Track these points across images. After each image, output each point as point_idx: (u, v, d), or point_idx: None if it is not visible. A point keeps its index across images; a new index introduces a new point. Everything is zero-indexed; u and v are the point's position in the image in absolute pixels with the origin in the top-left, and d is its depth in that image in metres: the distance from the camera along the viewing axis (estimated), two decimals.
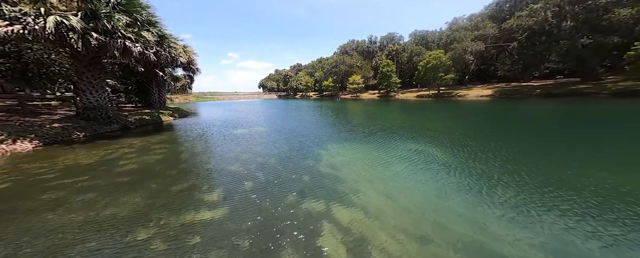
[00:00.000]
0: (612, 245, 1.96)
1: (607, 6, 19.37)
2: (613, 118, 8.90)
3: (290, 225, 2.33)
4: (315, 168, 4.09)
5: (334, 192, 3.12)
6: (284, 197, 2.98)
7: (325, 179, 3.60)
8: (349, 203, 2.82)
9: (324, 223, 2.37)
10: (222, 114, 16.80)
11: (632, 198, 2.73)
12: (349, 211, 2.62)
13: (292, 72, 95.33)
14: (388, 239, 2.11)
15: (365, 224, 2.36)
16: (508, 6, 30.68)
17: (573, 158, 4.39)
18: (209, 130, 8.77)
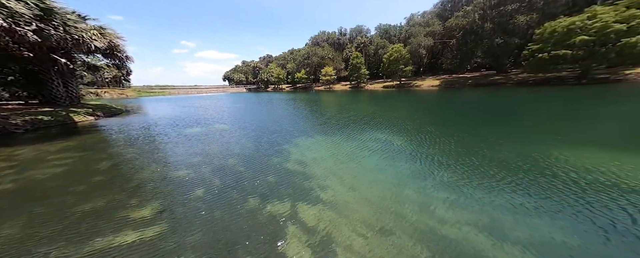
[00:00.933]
0: (535, 213, 2.21)
1: (511, 13, 24.87)
2: (518, 102, 11.36)
3: (248, 234, 2.11)
4: (282, 167, 3.85)
5: (302, 191, 2.99)
6: (244, 202, 2.70)
7: (293, 177, 3.42)
8: (317, 201, 2.73)
9: (288, 226, 2.24)
10: (172, 110, 14.74)
11: (550, 169, 3.17)
12: (315, 209, 2.53)
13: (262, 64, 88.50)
14: (353, 235, 2.08)
15: (331, 222, 2.30)
16: (449, 6, 35.72)
17: (500, 137, 4.95)
18: (149, 131, 7.50)
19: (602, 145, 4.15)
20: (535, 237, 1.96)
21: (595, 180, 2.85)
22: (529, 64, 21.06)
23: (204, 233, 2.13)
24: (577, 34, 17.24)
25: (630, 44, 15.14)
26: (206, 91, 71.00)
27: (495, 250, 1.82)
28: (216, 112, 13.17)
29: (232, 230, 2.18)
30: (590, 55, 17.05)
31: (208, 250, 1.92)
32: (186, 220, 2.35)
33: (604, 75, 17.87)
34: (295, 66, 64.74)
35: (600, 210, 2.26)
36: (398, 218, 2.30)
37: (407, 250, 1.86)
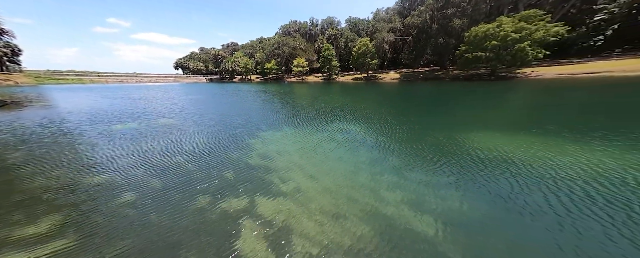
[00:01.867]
0: (450, 187, 2.70)
1: (451, 16, 29.55)
2: (450, 94, 13.76)
3: (196, 234, 2.01)
4: (243, 162, 3.73)
5: (262, 185, 2.96)
6: (191, 202, 2.55)
7: (253, 172, 3.37)
8: (277, 193, 2.75)
9: (244, 221, 2.21)
10: (94, 103, 12.40)
11: (466, 150, 3.79)
12: (275, 202, 2.54)
13: (225, 52, 78.74)
14: (309, 223, 2.16)
15: (290, 212, 2.34)
16: (407, 5, 39.56)
17: (438, 125, 5.85)
18: (52, 129, 6.14)
19: (498, 130, 5.29)
20: (447, 207, 2.36)
21: (493, 157, 3.59)
22: (460, 62, 26.08)
23: (135, 240, 1.95)
24: (489, 39, 22.17)
25: (520, 49, 20.58)
26: (151, 80, 59.47)
27: (417, 221, 2.18)
28: (162, 104, 11.66)
29: (174, 232, 2.05)
30: (496, 57, 22.38)
31: (140, 255, 1.78)
32: (108, 230, 2.10)
33: (504, 73, 23.88)
34: (265, 56, 60.66)
35: (494, 181, 2.90)
36: (351, 204, 2.48)
37: (356, 231, 2.06)
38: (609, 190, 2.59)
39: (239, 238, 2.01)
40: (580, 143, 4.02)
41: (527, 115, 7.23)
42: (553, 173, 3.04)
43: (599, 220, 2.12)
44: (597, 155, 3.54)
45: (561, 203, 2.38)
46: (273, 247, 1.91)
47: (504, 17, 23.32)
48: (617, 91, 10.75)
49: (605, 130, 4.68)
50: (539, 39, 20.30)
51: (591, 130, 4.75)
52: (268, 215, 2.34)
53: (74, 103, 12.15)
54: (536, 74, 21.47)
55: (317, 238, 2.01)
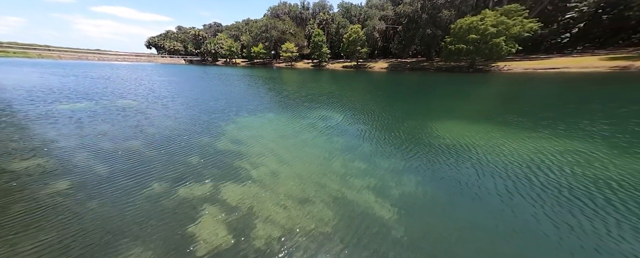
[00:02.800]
0: (411, 173, 2.92)
1: (440, 7, 29.66)
2: (433, 84, 14.80)
3: (145, 221, 1.94)
4: (212, 148, 3.65)
5: (230, 170, 2.94)
6: (144, 189, 2.44)
7: (223, 157, 3.31)
8: (245, 178, 2.76)
9: (204, 207, 2.19)
10: (42, 80, 11.25)
11: (432, 138, 4.09)
12: (241, 187, 2.54)
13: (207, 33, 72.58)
14: (275, 208, 2.21)
15: (256, 197, 2.37)
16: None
17: (415, 113, 6.22)
18: None
19: (464, 119, 5.81)
20: (406, 192, 2.52)
21: (455, 145, 3.87)
22: (444, 53, 26.94)
23: (61, 232, 1.79)
24: (471, 31, 22.95)
25: (496, 43, 21.67)
26: (117, 59, 54.74)
27: (377, 206, 2.31)
28: (126, 85, 10.84)
29: (115, 221, 1.96)
30: (475, 50, 23.44)
31: (63, 248, 1.62)
32: (27, 221, 1.91)
33: (481, 66, 25.30)
34: (252, 39, 57.21)
35: (453, 167, 3.12)
36: (319, 189, 2.57)
37: (319, 216, 2.15)
38: (546, 175, 2.88)
39: (196, 224, 1.97)
40: (529, 131, 4.47)
41: (491, 106, 8.00)
42: (504, 159, 3.31)
43: (534, 203, 2.31)
44: (541, 142, 3.92)
45: (506, 188, 2.61)
46: (233, 231, 1.90)
47: (488, 10, 24.01)
48: (570, 85, 12.11)
49: (550, 120, 5.32)
50: (515, 34, 21.48)
51: (540, 119, 5.38)
52: (232, 201, 2.32)
53: (13, 79, 10.85)
54: (508, 68, 23.12)
55: (281, 222, 2.06)
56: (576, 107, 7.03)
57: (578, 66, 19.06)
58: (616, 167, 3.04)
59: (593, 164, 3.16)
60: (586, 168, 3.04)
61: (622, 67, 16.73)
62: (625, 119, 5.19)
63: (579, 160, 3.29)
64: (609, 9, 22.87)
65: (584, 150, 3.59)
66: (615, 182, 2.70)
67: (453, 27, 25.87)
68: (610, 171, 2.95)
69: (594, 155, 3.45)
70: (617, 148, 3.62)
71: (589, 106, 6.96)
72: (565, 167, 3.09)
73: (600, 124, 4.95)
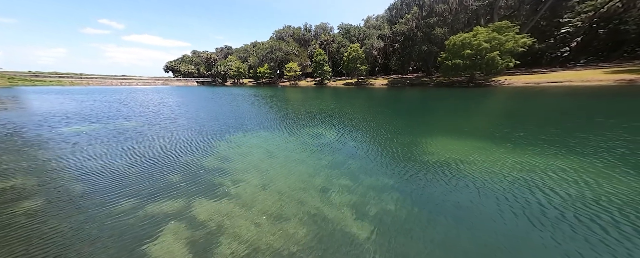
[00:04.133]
0: (392, 191, 2.90)
1: (433, 25, 31.89)
2: (431, 100, 15.12)
3: (97, 238, 1.97)
4: (196, 165, 3.78)
5: (208, 187, 2.99)
6: (110, 207, 2.50)
7: (204, 174, 3.40)
8: (222, 195, 2.78)
9: (168, 224, 2.21)
10: (61, 104, 12.43)
11: (419, 154, 4.12)
12: (215, 204, 2.56)
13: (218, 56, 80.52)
14: (247, 225, 2.22)
15: (228, 214, 2.37)
16: (394, 12, 42.25)
17: (408, 129, 6.19)
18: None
19: (454, 135, 5.79)
20: (385, 210, 2.50)
21: (439, 162, 3.85)
22: (441, 69, 28.06)
23: (7, 249, 1.84)
24: (466, 47, 24.22)
25: (490, 58, 22.59)
26: (137, 83, 60.55)
27: (354, 224, 2.31)
28: (136, 107, 11.92)
29: (71, 237, 1.99)
30: (472, 65, 24.38)
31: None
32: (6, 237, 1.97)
33: (481, 81, 25.89)
34: (258, 60, 62.52)
35: (433, 184, 3.11)
36: (297, 206, 2.58)
37: (291, 233, 2.15)
38: (536, 195, 2.74)
39: (154, 241, 1.99)
40: (522, 147, 4.46)
41: (485, 121, 7.97)
42: (484, 176, 3.31)
43: (504, 221, 2.28)
44: (525, 158, 3.87)
45: (481, 205, 2.60)
46: (194, 248, 1.90)
47: (479, 27, 25.58)
48: (573, 99, 12.03)
49: (545, 136, 5.21)
50: (510, 49, 22.41)
51: (536, 134, 5.35)
52: (202, 217, 2.34)
53: (34, 105, 11.97)
54: (509, 82, 23.49)
55: (249, 239, 2.06)
56: (579, 121, 6.91)
57: (581, 79, 19.15)
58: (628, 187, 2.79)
59: (597, 184, 2.92)
60: (590, 189, 2.82)
61: (629, 81, 16.64)
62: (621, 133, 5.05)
63: (579, 180, 3.07)
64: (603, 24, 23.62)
65: (588, 169, 3.37)
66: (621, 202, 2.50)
67: (447, 44, 27.39)
68: (620, 192, 2.72)
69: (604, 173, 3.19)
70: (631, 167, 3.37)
71: (594, 120, 6.72)
72: (563, 188, 2.88)
73: (596, 137, 4.84)
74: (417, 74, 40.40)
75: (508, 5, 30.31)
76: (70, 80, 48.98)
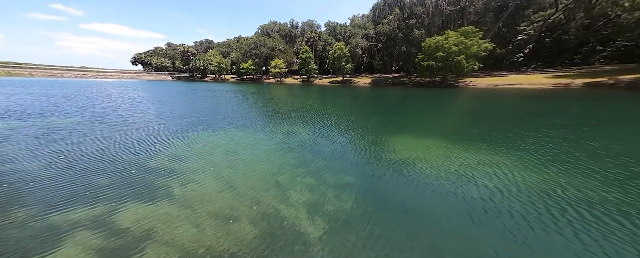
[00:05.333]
0: (349, 188, 3.02)
1: (412, 27, 34.07)
2: (407, 99, 16.25)
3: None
4: (138, 166, 3.57)
5: (147, 189, 2.86)
6: (10, 212, 2.31)
7: (147, 175, 3.24)
8: (162, 197, 2.67)
9: (75, 234, 2.04)
10: None
11: (381, 152, 4.31)
12: (148, 208, 2.45)
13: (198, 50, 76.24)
14: (186, 227, 2.13)
15: (164, 218, 2.28)
16: (377, 13, 44.05)
17: (380, 127, 6.39)
18: None
19: (416, 132, 6.23)
20: (340, 208, 2.56)
21: (398, 159, 4.04)
22: (418, 69, 30.39)
23: None
24: (439, 49, 26.60)
25: (458, 61, 25.20)
26: (97, 76, 55.33)
27: (307, 222, 2.35)
28: (81, 103, 10.76)
29: None
30: (444, 67, 26.91)
31: None
32: None
33: (451, 81, 28.70)
34: (241, 55, 60.77)
35: (388, 181, 3.27)
36: (252, 206, 2.55)
37: (238, 233, 2.09)
38: (467, 189, 2.97)
39: (54, 253, 1.83)
40: (468, 146, 4.83)
41: (447, 120, 8.68)
42: (439, 173, 3.51)
43: (449, 218, 2.40)
44: (476, 155, 4.20)
45: (432, 202, 2.74)
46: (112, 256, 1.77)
47: (450, 31, 28.16)
48: (520, 100, 13.91)
49: (494, 133, 5.85)
50: (474, 53, 25.22)
51: (489, 132, 5.97)
52: (126, 224, 2.20)
53: None
54: (473, 84, 26.58)
55: (185, 243, 1.96)
56: (511, 121, 8.01)
57: (528, 83, 22.54)
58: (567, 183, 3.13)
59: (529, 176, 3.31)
60: (530, 180, 3.20)
61: (564, 84, 20.08)
62: (540, 130, 6.05)
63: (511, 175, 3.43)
64: (549, 33, 27.61)
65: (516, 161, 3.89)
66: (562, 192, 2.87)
67: (423, 45, 29.74)
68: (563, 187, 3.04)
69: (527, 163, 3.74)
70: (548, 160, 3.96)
71: (530, 119, 7.86)
72: (486, 181, 3.22)
73: (517, 134, 5.70)
74: (399, 74, 42.99)
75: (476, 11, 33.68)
76: (7, 70, 42.67)
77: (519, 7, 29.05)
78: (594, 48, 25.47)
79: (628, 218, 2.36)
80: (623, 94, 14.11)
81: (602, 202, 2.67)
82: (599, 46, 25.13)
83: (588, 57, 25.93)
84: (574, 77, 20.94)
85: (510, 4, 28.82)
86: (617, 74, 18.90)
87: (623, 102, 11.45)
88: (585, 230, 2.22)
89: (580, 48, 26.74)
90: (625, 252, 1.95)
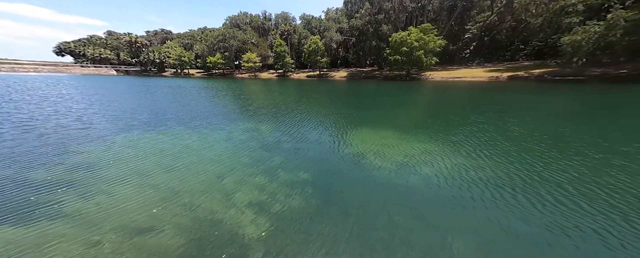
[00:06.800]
0: (304, 186, 3.06)
1: (381, 22, 36.73)
2: (377, 92, 17.72)
3: None
4: (23, 179, 3.18)
5: (25, 208, 2.56)
6: None
7: (31, 191, 2.88)
8: (45, 216, 2.40)
9: None
10: None
11: (338, 148, 4.50)
12: (20, 230, 2.18)
13: (150, 40, 66.76)
14: (77, 247, 1.94)
15: (38, 241, 2.04)
16: (349, 7, 45.83)
17: (344, 121, 6.69)
18: None
19: (374, 125, 6.52)
20: (287, 206, 2.57)
21: (352, 153, 4.18)
22: (387, 63, 33.44)
23: None
24: (403, 44, 29.69)
25: (418, 55, 28.73)
26: (2, 68, 44.68)
27: (251, 223, 2.26)
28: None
29: None
30: (408, 61, 30.31)
31: None
32: None
33: (415, 75, 32.60)
34: (207, 48, 55.92)
35: (338, 176, 3.33)
36: (185, 212, 2.43)
37: (154, 246, 1.96)
38: (411, 179, 3.23)
39: None
40: (413, 136, 5.28)
41: (406, 112, 9.42)
42: (385, 164, 3.70)
43: (389, 214, 2.52)
44: (421, 144, 4.61)
45: (375, 194, 2.87)
46: None
47: (412, 27, 31.57)
48: (463, 90, 16.98)
49: (437, 122, 6.75)
50: (432, 49, 29.10)
51: (420, 123, 6.91)
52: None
53: None
54: (432, 77, 30.96)
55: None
56: (447, 111, 9.43)
57: (471, 76, 27.59)
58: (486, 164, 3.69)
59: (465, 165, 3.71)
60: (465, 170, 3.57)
61: (496, 77, 25.27)
62: (470, 117, 7.38)
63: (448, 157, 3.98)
64: (487, 33, 33.46)
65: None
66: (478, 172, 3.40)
67: (391, 40, 32.69)
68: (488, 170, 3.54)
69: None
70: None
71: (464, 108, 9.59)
72: (446, 169, 3.56)
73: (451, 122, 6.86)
74: (372, 68, 46.19)
75: (434, 9, 38.26)
76: None
77: (465, 8, 34.38)
78: (518, 47, 32.07)
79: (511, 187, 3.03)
80: (535, 85, 18.27)
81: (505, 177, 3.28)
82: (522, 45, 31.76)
83: (514, 55, 32.64)
84: (502, 71, 26.57)
85: (459, 4, 33.80)
86: (531, 69, 24.87)
87: (530, 92, 14.56)
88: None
89: (510, 46, 33.27)
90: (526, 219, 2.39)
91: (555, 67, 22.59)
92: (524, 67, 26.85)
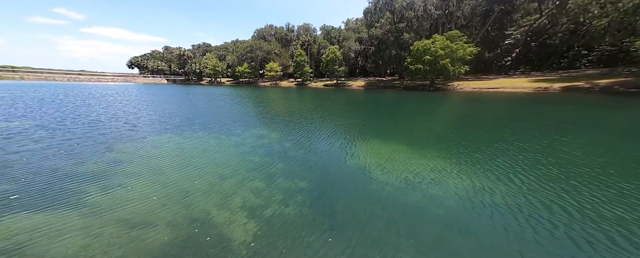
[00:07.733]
0: (302, 193, 3.03)
1: (402, 30, 35.74)
2: (397, 102, 16.46)
3: None
4: (62, 170, 3.55)
5: (51, 196, 2.81)
6: None
7: (61, 182, 3.18)
8: (64, 205, 2.61)
9: None
10: None
11: (344, 158, 4.35)
12: (37, 218, 2.38)
13: (195, 53, 79.09)
14: (79, 238, 2.06)
15: (48, 229, 2.20)
16: (369, 17, 46.07)
17: (356, 131, 6.53)
18: None
19: (395, 139, 6.09)
20: (281, 212, 2.60)
21: (357, 164, 4.06)
22: (408, 73, 31.77)
23: None
24: (426, 53, 28.03)
25: (443, 64, 26.54)
26: (90, 79, 57.77)
27: (240, 227, 2.32)
28: (46, 106, 11.20)
29: None
30: (431, 70, 28.23)
31: None
32: None
33: (440, 85, 29.99)
34: (237, 59, 63.00)
35: (339, 186, 3.28)
36: (182, 210, 2.51)
37: (144, 241, 2.05)
38: (411, 197, 3.02)
39: None
40: (424, 152, 4.87)
41: (424, 124, 8.85)
42: (389, 179, 3.55)
43: (383, 222, 2.49)
44: (430, 162, 4.21)
45: (370, 210, 2.77)
46: None
47: (437, 35, 29.68)
48: (501, 104, 14.57)
49: (453, 135, 6.07)
50: (460, 57, 26.58)
51: (459, 139, 5.88)
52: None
53: None
54: (461, 88, 27.90)
55: (70, 252, 1.95)
56: (484, 126, 8.07)
57: (511, 86, 23.80)
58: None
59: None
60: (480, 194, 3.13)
61: (544, 89, 21.26)
62: (497, 133, 6.58)
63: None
64: (535, 38, 29.02)
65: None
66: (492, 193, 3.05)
67: (412, 49, 31.21)
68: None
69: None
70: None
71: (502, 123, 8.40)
72: (463, 192, 3.17)
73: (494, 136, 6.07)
74: (392, 77, 44.51)
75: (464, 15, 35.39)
76: (7, 76, 45.17)
77: (504, 12, 30.72)
78: (579, 52, 26.75)
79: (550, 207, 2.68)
80: (600, 97, 14.76)
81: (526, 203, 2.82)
82: (584, 50, 26.40)
83: (574, 61, 27.20)
84: (554, 82, 22.16)
85: (496, 9, 30.48)
86: (595, 79, 20.08)
87: (594, 107, 11.87)
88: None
89: (567, 52, 28.03)
90: None
91: (629, 77, 17.94)
92: (585, 76, 21.83)
